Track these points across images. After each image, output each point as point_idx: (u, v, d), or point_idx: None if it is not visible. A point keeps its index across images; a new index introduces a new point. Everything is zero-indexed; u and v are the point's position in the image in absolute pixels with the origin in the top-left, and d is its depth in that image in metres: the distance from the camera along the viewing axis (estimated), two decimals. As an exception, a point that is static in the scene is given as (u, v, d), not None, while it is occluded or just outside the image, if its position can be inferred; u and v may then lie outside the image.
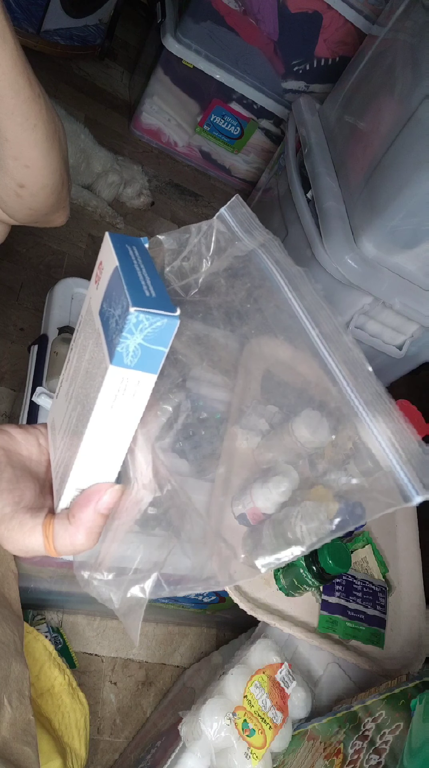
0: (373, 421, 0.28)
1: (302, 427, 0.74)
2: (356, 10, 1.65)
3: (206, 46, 1.77)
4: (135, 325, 0.25)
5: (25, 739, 0.55)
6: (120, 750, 1.02)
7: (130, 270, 0.27)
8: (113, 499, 0.31)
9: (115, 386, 0.27)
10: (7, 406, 1.26)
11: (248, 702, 0.74)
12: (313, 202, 1.23)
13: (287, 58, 1.80)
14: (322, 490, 0.73)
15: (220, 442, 0.69)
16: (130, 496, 0.31)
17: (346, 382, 0.29)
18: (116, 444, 0.30)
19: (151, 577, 0.31)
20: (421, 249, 1.10)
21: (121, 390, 0.27)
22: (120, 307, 0.26)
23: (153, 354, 0.26)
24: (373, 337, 1.25)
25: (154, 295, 0.26)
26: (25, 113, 0.50)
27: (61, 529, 0.30)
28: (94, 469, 0.31)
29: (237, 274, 0.35)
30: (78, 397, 0.31)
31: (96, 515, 0.30)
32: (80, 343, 0.32)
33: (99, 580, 0.32)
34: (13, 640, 0.61)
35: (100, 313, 0.28)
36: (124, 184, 1.76)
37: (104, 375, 0.26)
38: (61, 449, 0.33)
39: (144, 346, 0.26)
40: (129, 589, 0.31)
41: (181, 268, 0.35)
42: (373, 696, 0.72)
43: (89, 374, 0.29)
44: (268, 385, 0.59)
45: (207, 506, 0.80)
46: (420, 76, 1.03)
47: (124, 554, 0.32)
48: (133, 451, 0.31)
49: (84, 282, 1.08)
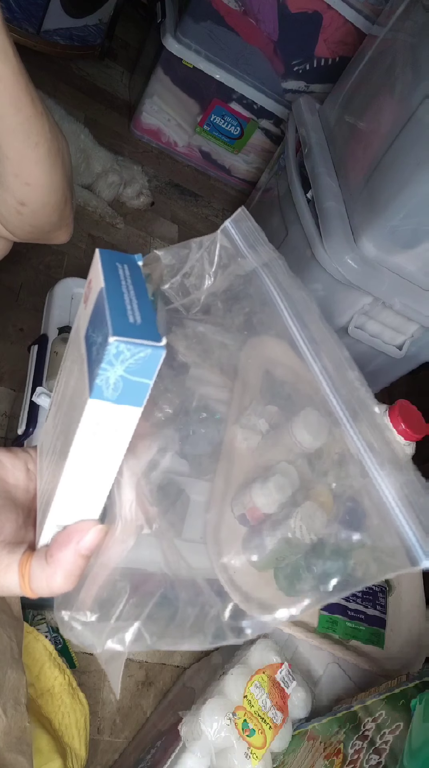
0: (380, 471, 0.25)
1: (302, 427, 0.74)
2: (356, 10, 1.65)
3: (206, 46, 1.77)
4: (115, 356, 0.23)
5: (19, 748, 0.55)
6: (120, 750, 1.02)
7: (117, 292, 0.25)
8: (96, 539, 0.29)
9: (95, 420, 0.25)
10: (7, 406, 1.26)
11: (248, 702, 0.74)
12: (313, 202, 1.23)
13: (287, 58, 1.80)
14: (322, 490, 0.73)
15: (219, 442, 0.69)
16: (114, 534, 0.29)
17: (351, 426, 0.27)
18: (99, 479, 0.28)
19: (132, 627, 0.29)
20: (421, 249, 1.10)
21: (102, 424, 0.25)
22: (101, 334, 0.24)
23: (136, 387, 0.24)
24: (373, 337, 1.25)
25: (139, 321, 0.24)
26: (26, 131, 0.50)
27: (38, 568, 0.28)
28: (75, 505, 0.29)
29: (237, 297, 0.33)
30: (63, 425, 0.29)
31: (76, 556, 0.28)
32: (68, 366, 0.30)
33: (80, 623, 0.29)
34: (10, 646, 0.60)
35: (85, 337, 0.26)
36: (124, 185, 1.76)
37: (83, 408, 0.25)
38: (46, 477, 0.31)
39: (126, 378, 0.24)
40: (107, 640, 0.29)
41: (182, 285, 0.33)
42: (373, 696, 0.72)
43: (72, 403, 0.27)
44: (268, 385, 0.59)
45: (207, 506, 0.80)
46: (420, 76, 1.03)
47: (106, 597, 0.30)
48: (119, 484, 0.29)
49: (84, 282, 1.08)
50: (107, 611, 0.30)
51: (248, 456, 0.79)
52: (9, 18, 1.82)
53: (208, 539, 0.77)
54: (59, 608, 0.30)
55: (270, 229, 1.47)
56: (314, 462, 0.80)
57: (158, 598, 0.30)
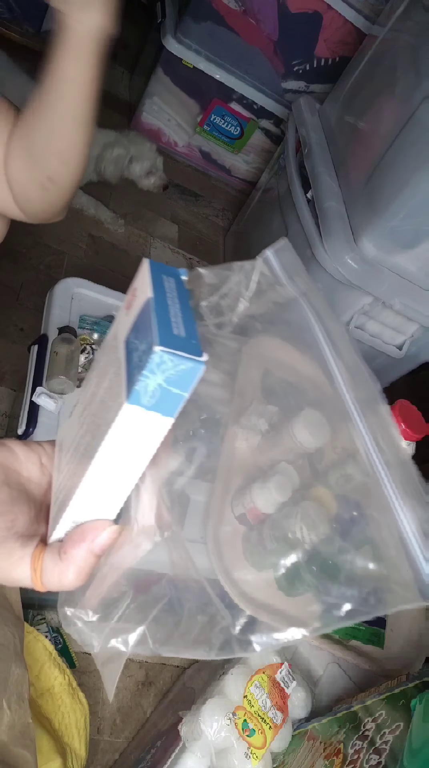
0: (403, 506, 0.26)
1: (302, 427, 0.74)
2: (356, 10, 1.65)
3: (206, 46, 1.77)
4: (158, 365, 0.24)
5: (23, 743, 0.55)
6: (120, 750, 1.02)
7: (163, 304, 0.26)
8: (110, 539, 0.29)
9: (128, 424, 0.25)
10: (7, 406, 1.26)
11: (248, 702, 0.74)
12: (313, 202, 1.23)
13: (287, 58, 1.80)
14: (322, 490, 0.73)
15: (220, 442, 0.69)
16: (127, 537, 0.30)
17: (378, 460, 0.28)
18: (121, 482, 0.28)
19: (137, 631, 0.29)
20: (422, 249, 1.10)
21: (134, 429, 0.26)
22: (146, 342, 0.24)
23: (173, 397, 0.25)
24: (373, 337, 1.25)
25: (183, 334, 0.25)
26: (85, 113, 0.55)
27: (50, 563, 0.29)
28: (94, 504, 0.29)
29: (274, 321, 0.34)
30: (90, 425, 0.29)
31: (89, 554, 0.29)
32: (101, 367, 0.31)
33: (82, 621, 0.30)
34: (13, 642, 0.61)
35: (126, 342, 0.27)
36: (130, 159, 1.60)
37: (118, 411, 0.25)
38: (65, 474, 0.32)
39: (164, 388, 0.24)
40: (110, 639, 0.29)
41: (217, 305, 0.34)
42: (373, 696, 0.72)
43: (104, 404, 0.28)
44: (268, 385, 0.59)
45: (207, 506, 0.80)
46: (420, 77, 1.03)
47: (110, 598, 0.31)
48: (139, 489, 0.30)
49: (84, 282, 1.08)
50: (110, 612, 0.30)
51: (248, 456, 0.79)
52: (9, 18, 1.82)
53: (208, 539, 0.77)
54: (63, 604, 0.30)
55: (270, 229, 1.47)
56: (314, 462, 0.80)
57: (164, 605, 0.30)
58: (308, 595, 0.85)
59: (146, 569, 0.31)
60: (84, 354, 0.96)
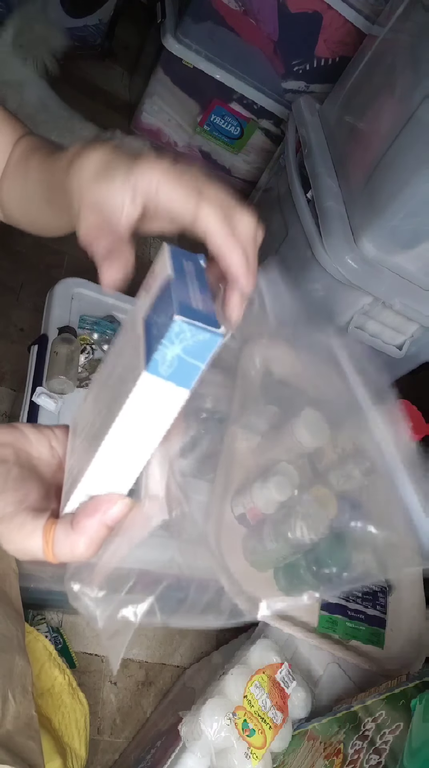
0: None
1: (302, 427, 0.74)
2: (356, 10, 1.65)
3: (206, 46, 1.77)
4: (176, 335, 0.24)
5: (29, 733, 0.55)
6: (120, 750, 1.02)
7: (182, 282, 0.27)
8: (122, 512, 0.30)
9: (145, 394, 0.26)
10: (7, 406, 1.26)
11: (248, 702, 0.74)
12: (313, 202, 1.23)
13: (287, 58, 1.80)
14: (322, 490, 0.73)
15: (220, 442, 0.69)
16: (139, 512, 0.30)
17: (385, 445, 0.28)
18: (135, 454, 0.29)
19: (146, 601, 0.30)
20: (422, 249, 1.10)
21: (151, 400, 0.26)
22: (165, 315, 0.25)
23: (190, 368, 0.25)
24: (373, 337, 1.25)
25: (201, 308, 0.25)
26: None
27: (62, 534, 0.30)
28: (108, 477, 0.30)
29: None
30: (106, 401, 0.30)
31: (101, 525, 0.29)
32: (118, 348, 0.32)
33: (88, 596, 0.31)
34: (16, 635, 0.61)
35: (145, 320, 0.28)
36: None
37: (136, 381, 0.26)
38: (78, 454, 0.32)
39: (182, 358, 0.25)
40: (120, 609, 0.30)
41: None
42: (373, 696, 0.72)
43: (122, 379, 0.28)
44: (268, 385, 0.59)
45: (207, 506, 0.80)
46: (420, 76, 1.03)
47: (117, 576, 0.31)
48: (150, 466, 0.30)
49: (84, 282, 1.08)
50: (117, 588, 0.31)
51: (248, 456, 0.79)
52: (5, 13, 1.82)
53: (208, 539, 0.77)
54: (70, 579, 0.31)
55: (270, 229, 1.46)
56: (314, 461, 0.80)
57: (171, 580, 0.31)
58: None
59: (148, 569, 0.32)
60: (84, 354, 0.96)
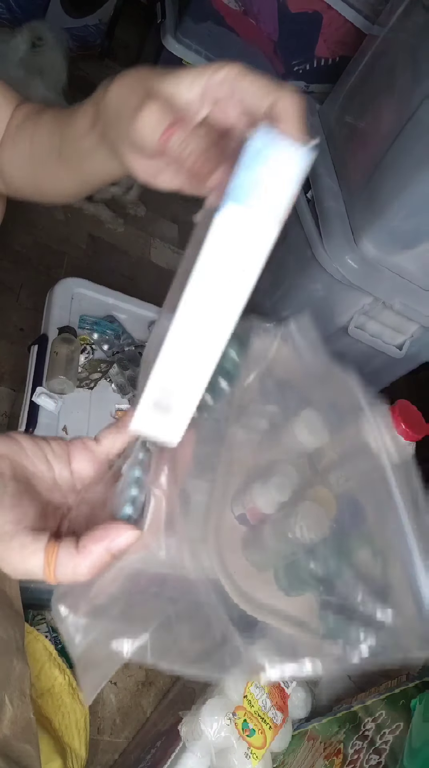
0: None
1: (302, 427, 0.74)
2: (356, 10, 1.65)
3: (206, 46, 1.77)
4: (258, 152, 0.19)
5: (25, 737, 0.55)
6: (120, 750, 1.02)
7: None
8: (128, 542, 0.30)
9: (226, 231, 0.20)
10: (7, 406, 1.26)
11: (248, 702, 0.74)
12: (313, 202, 1.23)
13: (287, 58, 1.80)
14: (322, 490, 0.73)
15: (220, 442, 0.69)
16: (141, 542, 0.30)
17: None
18: (216, 323, 0.23)
19: (140, 637, 0.29)
20: (422, 249, 1.10)
21: (234, 237, 0.20)
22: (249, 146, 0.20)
23: (278, 193, 0.20)
24: (373, 337, 1.25)
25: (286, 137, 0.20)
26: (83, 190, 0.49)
27: (65, 556, 0.29)
28: (184, 357, 0.24)
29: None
30: (179, 294, 0.24)
31: (106, 552, 0.29)
32: (189, 253, 0.27)
33: (72, 622, 0.30)
34: (15, 638, 0.61)
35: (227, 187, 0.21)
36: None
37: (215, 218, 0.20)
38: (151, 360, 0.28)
39: (267, 181, 0.20)
40: (112, 639, 0.29)
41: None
42: (373, 696, 0.72)
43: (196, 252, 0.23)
44: (268, 385, 0.59)
45: (207, 506, 0.80)
46: (420, 76, 1.03)
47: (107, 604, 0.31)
48: (153, 492, 0.29)
49: (84, 282, 1.08)
50: (104, 613, 0.30)
51: (248, 456, 0.79)
52: (9, 18, 1.82)
53: (208, 539, 0.77)
54: (58, 601, 0.31)
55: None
56: (314, 462, 0.80)
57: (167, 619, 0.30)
58: (308, 594, 0.85)
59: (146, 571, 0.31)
60: (84, 354, 0.96)
